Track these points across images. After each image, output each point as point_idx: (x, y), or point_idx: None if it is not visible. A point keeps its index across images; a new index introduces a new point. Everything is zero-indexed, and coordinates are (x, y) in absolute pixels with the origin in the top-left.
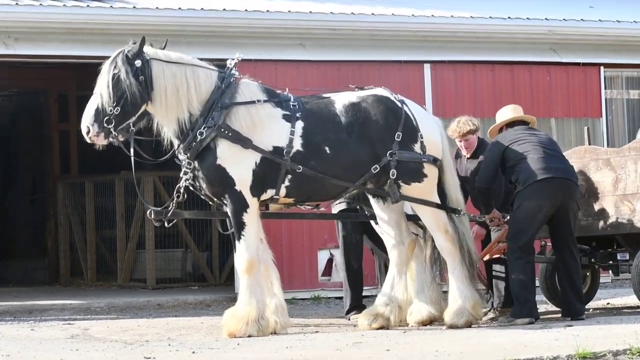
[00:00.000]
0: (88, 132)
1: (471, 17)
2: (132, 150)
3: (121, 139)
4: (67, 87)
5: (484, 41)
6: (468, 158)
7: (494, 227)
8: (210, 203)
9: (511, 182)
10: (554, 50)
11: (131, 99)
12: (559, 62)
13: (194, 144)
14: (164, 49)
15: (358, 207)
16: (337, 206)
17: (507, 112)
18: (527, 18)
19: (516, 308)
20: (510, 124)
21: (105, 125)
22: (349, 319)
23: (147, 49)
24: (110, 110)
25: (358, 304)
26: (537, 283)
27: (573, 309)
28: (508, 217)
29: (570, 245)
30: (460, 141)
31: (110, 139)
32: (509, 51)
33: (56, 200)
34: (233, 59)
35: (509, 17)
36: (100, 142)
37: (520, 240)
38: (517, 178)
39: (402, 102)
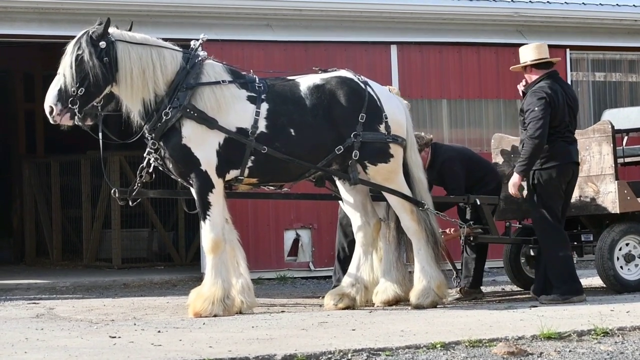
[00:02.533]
0: (51, 112)
1: None
2: (100, 133)
3: (90, 123)
4: (32, 66)
5: (451, 23)
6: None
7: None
8: (179, 181)
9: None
10: (520, 32)
11: (94, 80)
12: (525, 44)
13: (159, 124)
14: (130, 30)
15: None
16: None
17: (531, 53)
18: (494, 0)
19: (567, 285)
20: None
21: (69, 105)
22: None
23: (112, 30)
24: (74, 91)
25: None
26: (502, 264)
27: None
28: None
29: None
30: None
31: (76, 122)
32: (476, 33)
33: (22, 179)
34: (198, 40)
35: None
36: (64, 122)
37: (548, 215)
38: (547, 150)
39: (366, 83)
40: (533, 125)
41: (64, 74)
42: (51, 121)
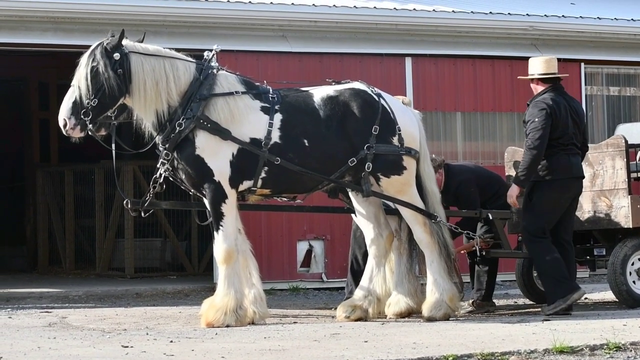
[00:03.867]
0: (65, 125)
1: (453, 11)
2: (113, 144)
3: (103, 133)
4: (47, 75)
5: (465, 36)
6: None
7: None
8: (191, 193)
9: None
10: (534, 46)
11: (109, 92)
12: None
13: (173, 135)
14: (142, 41)
15: None
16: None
17: (539, 66)
18: (509, 13)
19: (558, 289)
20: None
21: (82, 117)
22: None
23: (125, 42)
24: (88, 103)
25: None
26: (514, 277)
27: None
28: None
29: (565, 240)
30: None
31: (90, 133)
32: (490, 46)
33: (35, 188)
34: (211, 51)
35: (490, 12)
36: (77, 134)
37: (537, 224)
38: (545, 163)
39: (379, 95)
40: (532, 136)
41: (79, 85)
42: (64, 133)
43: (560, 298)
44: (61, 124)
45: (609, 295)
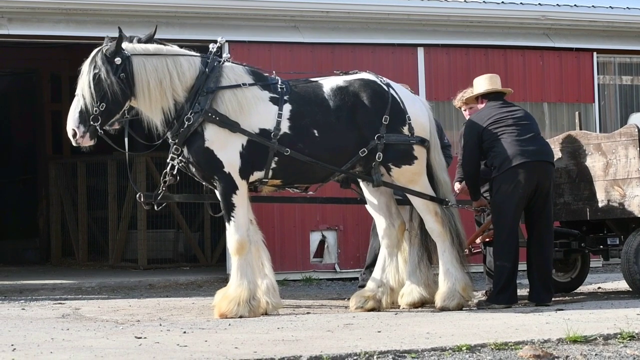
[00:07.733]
0: (74, 135)
1: (465, 1)
2: (126, 139)
3: (117, 127)
4: (59, 67)
5: (478, 25)
6: None
7: (480, 213)
8: (204, 185)
9: (486, 165)
10: (547, 35)
11: (113, 97)
12: (552, 47)
13: (182, 129)
14: (153, 35)
15: None
16: None
17: (483, 83)
18: (521, 3)
19: (494, 293)
20: (486, 94)
21: (91, 123)
22: None
23: (125, 44)
24: (95, 110)
25: None
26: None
27: (536, 295)
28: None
29: (541, 229)
30: (465, 109)
31: (109, 131)
32: (503, 36)
33: (48, 180)
34: (216, 43)
35: (502, 2)
36: (87, 143)
37: (501, 224)
38: (492, 162)
39: (389, 85)
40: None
41: (83, 94)
42: (74, 143)
43: (486, 301)
44: (70, 134)
45: (622, 285)
